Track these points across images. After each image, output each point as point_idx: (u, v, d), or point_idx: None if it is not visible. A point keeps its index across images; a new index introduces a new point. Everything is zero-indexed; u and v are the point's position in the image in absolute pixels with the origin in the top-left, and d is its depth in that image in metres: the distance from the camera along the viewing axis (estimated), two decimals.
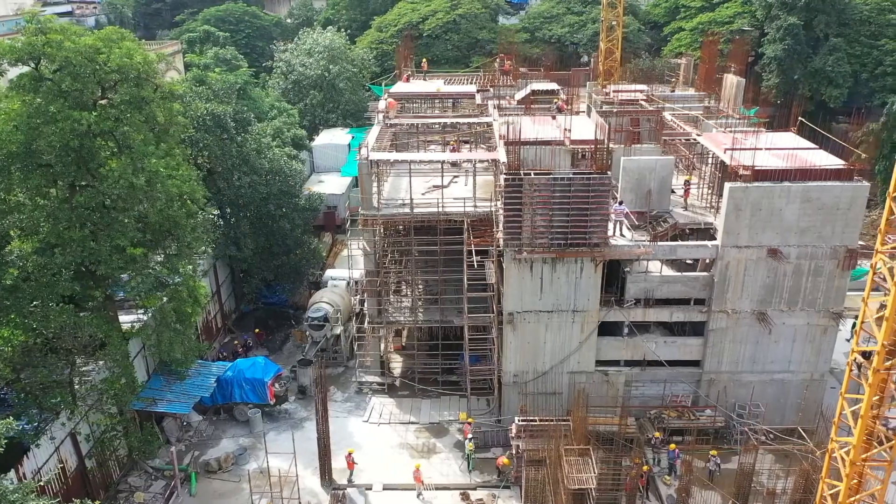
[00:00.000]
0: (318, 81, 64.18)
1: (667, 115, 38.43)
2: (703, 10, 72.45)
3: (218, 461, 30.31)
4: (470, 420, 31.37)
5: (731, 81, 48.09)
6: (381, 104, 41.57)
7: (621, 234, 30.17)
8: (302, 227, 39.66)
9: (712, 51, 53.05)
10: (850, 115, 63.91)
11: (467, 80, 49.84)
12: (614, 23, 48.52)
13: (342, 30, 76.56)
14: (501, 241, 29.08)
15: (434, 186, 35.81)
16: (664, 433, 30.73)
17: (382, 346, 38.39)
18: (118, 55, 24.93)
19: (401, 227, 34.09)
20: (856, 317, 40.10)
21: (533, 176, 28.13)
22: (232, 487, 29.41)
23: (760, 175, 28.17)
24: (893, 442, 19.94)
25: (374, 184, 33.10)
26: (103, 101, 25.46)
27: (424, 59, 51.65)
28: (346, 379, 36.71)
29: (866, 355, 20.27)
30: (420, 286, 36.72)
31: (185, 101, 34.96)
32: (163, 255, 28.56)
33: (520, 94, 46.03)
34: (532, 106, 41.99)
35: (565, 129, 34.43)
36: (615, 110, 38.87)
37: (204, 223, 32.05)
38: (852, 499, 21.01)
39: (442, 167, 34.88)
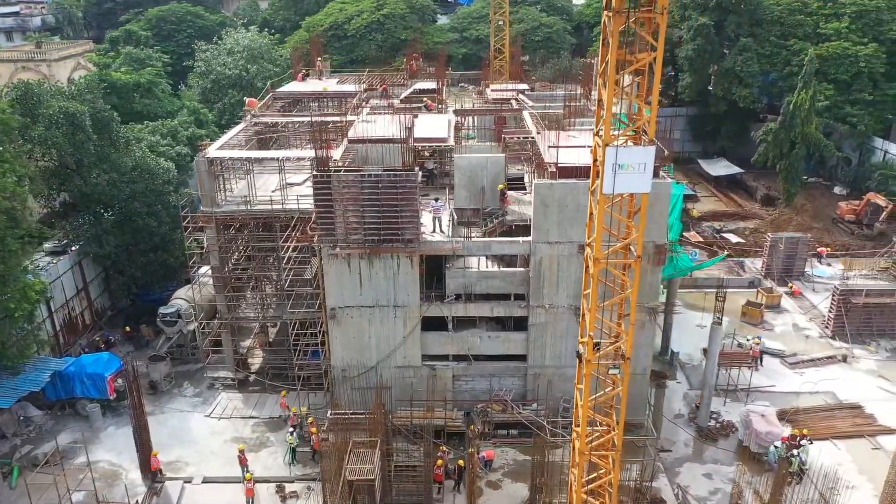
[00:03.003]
0: (237, 81, 64.54)
1: (526, 114, 38.85)
2: None
3: (45, 455, 30.69)
4: (294, 411, 31.84)
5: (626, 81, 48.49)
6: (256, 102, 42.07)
7: (441, 231, 30.62)
8: (170, 225, 40.02)
9: None
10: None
11: (372, 79, 50.33)
12: (501, 22, 48.97)
13: (270, 30, 77.17)
14: (316, 238, 29.54)
15: (287, 184, 36.25)
16: (487, 427, 31.22)
17: (248, 341, 39.01)
18: None
19: (241, 224, 34.49)
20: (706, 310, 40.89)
21: (343, 173, 28.58)
22: (52, 481, 29.78)
23: (565, 172, 28.64)
24: (614, 434, 20.44)
25: (216, 180, 33.52)
26: None
27: (319, 60, 51.98)
28: (202, 374, 37.13)
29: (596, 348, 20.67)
30: (272, 283, 37.14)
31: (35, 100, 35.53)
32: None
33: (405, 93, 46.57)
34: (406, 105, 42.49)
35: (407, 128, 34.95)
36: (474, 108, 39.34)
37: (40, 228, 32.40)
38: (591, 485, 21.53)
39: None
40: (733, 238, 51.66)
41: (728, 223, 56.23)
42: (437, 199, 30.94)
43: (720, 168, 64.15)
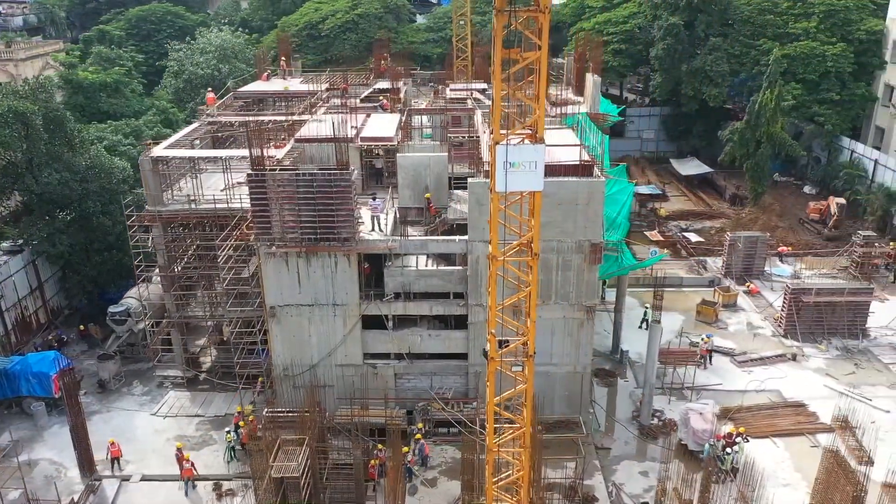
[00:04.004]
0: (209, 81, 64.65)
1: (479, 113, 38.96)
2: (604, 10, 73.02)
3: None
4: (239, 410, 31.94)
5: (590, 81, 48.85)
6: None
7: (379, 229, 30.72)
8: (125, 224, 40.02)
9: (581, 51, 53.81)
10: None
11: (335, 79, 50.44)
12: (462, 22, 49.07)
13: (246, 30, 77.43)
14: (252, 237, 29.65)
15: (237, 183, 36.34)
16: (427, 425, 31.35)
17: (202, 340, 39.14)
18: None
19: (189, 223, 34.61)
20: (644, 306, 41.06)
21: (278, 172, 28.68)
22: None
23: None
24: (519, 430, 20.54)
25: (161, 179, 33.63)
26: None
27: (283, 59, 52.08)
28: (153, 373, 37.21)
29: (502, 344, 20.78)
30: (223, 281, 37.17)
31: None
32: None
33: (365, 93, 46.70)
34: (361, 105, 42.64)
35: (353, 127, 35.11)
36: (425, 108, 39.45)
37: None
38: (503, 482, 21.63)
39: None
40: (693, 237, 51.75)
41: (695, 222, 56.35)
42: (375, 198, 31.04)
43: (691, 167, 64.26)
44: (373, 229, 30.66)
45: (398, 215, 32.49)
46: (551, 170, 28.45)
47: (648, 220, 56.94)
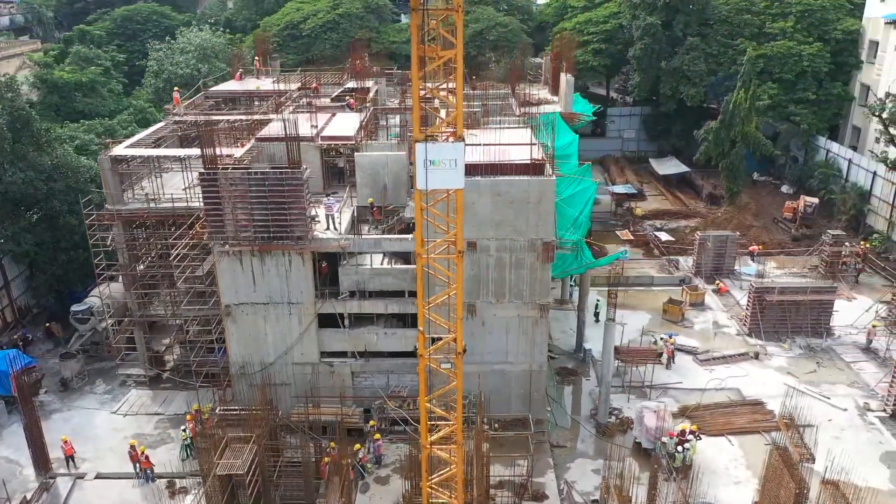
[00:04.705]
0: (189, 81, 64.73)
1: (443, 112, 38.92)
2: (585, 10, 73.14)
3: None
4: (196, 408, 32.03)
5: (563, 80, 48.99)
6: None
7: (335, 228, 30.79)
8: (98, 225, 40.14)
9: (558, 51, 54.10)
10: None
11: (307, 78, 50.56)
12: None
13: (227, 30, 77.42)
14: (206, 235, 29.74)
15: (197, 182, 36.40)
16: (383, 423, 31.45)
17: (168, 339, 39.19)
18: None
19: (151, 222, 34.70)
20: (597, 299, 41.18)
21: (230, 171, 28.77)
22: None
23: None
24: (452, 426, 20.64)
25: (121, 178, 33.73)
26: None
27: (257, 59, 52.18)
28: (116, 372, 37.28)
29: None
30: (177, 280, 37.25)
31: None
32: None
33: (336, 92, 46.79)
34: (330, 104, 42.75)
35: (312, 126, 35.22)
36: (387, 107, 39.54)
37: None
38: (436, 479, 21.72)
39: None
40: (664, 236, 51.82)
41: (670, 222, 56.41)
42: (329, 197, 31.12)
43: (669, 167, 64.35)
44: (328, 228, 30.74)
45: (356, 214, 32.57)
46: (503, 169, 28.81)
47: (624, 219, 57.05)
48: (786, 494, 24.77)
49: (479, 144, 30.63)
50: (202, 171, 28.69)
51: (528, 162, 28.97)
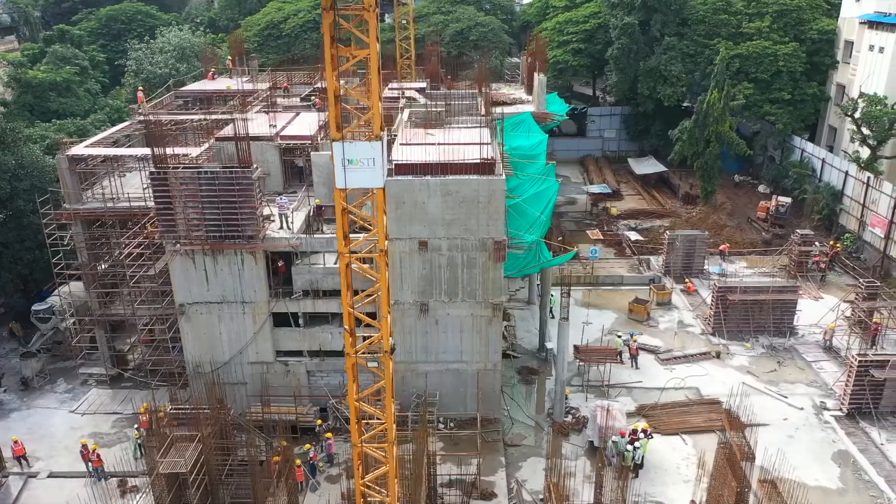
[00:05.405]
0: (167, 80, 64.75)
1: (406, 112, 39.04)
2: (567, 10, 73.16)
3: None
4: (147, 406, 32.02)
5: (536, 80, 49.02)
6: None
7: (287, 227, 30.82)
8: (57, 224, 40.14)
9: (533, 51, 54.19)
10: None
11: (278, 77, 50.66)
12: (405, 21, 49.16)
13: (207, 29, 77.47)
14: (158, 234, 29.79)
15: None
16: (337, 422, 31.47)
17: (134, 338, 39.15)
18: None
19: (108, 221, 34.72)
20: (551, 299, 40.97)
21: (180, 170, 28.80)
22: None
23: (402, 169, 28.88)
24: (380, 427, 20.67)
25: (78, 177, 33.75)
26: None
27: (230, 59, 52.21)
28: (78, 371, 37.31)
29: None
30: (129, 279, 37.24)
31: None
32: None
33: (306, 92, 46.88)
34: (298, 104, 42.84)
35: (271, 126, 35.27)
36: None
37: None
38: (369, 477, 21.74)
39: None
40: (634, 236, 51.85)
41: (645, 221, 56.43)
42: (282, 196, 31.17)
43: (647, 167, 64.39)
44: (281, 227, 30.77)
45: (311, 213, 32.57)
46: (453, 168, 28.84)
47: (600, 218, 57.11)
48: (728, 493, 24.86)
49: (434, 144, 30.77)
50: (152, 170, 28.70)
51: (479, 161, 28.98)
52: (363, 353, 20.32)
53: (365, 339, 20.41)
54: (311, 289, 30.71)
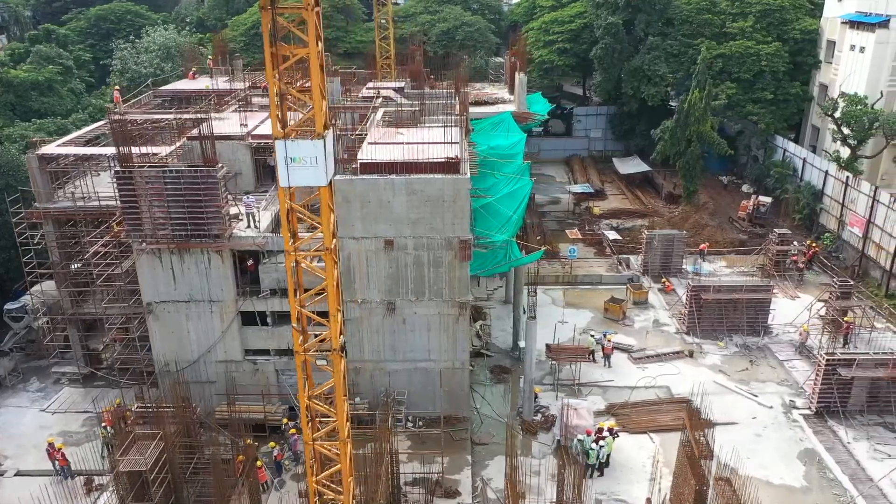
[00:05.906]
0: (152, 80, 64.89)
1: (381, 112, 39.08)
2: (554, 10, 73.21)
3: None
4: (119, 403, 32.06)
5: (517, 80, 49.14)
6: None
7: (255, 226, 30.86)
8: (28, 223, 40.17)
9: (515, 50, 54.35)
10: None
11: (260, 77, 50.58)
12: (384, 20, 49.20)
13: (193, 29, 77.48)
14: (124, 233, 29.83)
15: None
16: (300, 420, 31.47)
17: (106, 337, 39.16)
18: None
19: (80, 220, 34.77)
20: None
21: (145, 169, 28.84)
22: None
23: (367, 168, 28.94)
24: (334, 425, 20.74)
25: (47, 176, 33.80)
26: None
27: (210, 59, 52.26)
28: (51, 369, 37.35)
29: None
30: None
31: None
32: None
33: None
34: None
35: (242, 125, 35.31)
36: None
37: None
38: (323, 475, 21.81)
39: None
40: (612, 235, 51.89)
41: (627, 221, 56.47)
42: (248, 195, 31.22)
43: (630, 166, 64.46)
44: (249, 226, 30.81)
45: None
46: (418, 167, 28.87)
47: (582, 218, 57.17)
48: (689, 491, 24.94)
49: (401, 143, 30.80)
50: (117, 169, 28.75)
51: (443, 160, 29.02)
52: (314, 351, 20.38)
53: (316, 336, 20.45)
54: (279, 287, 30.73)
